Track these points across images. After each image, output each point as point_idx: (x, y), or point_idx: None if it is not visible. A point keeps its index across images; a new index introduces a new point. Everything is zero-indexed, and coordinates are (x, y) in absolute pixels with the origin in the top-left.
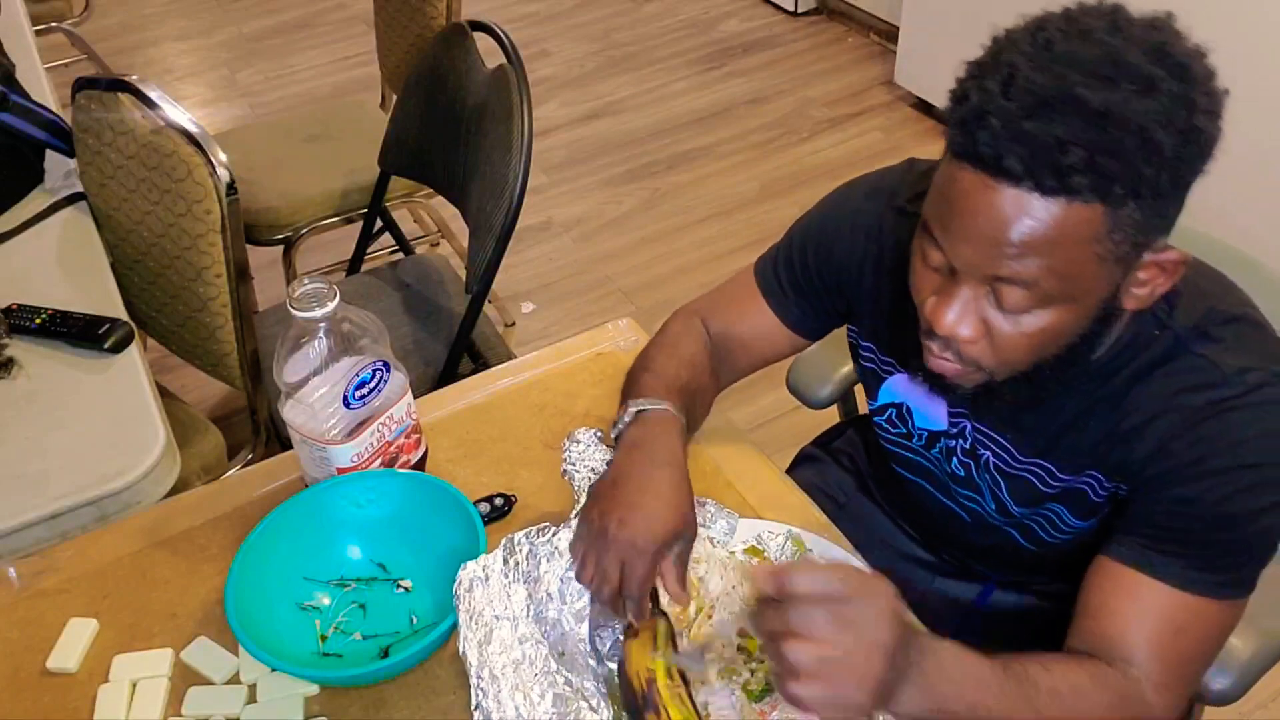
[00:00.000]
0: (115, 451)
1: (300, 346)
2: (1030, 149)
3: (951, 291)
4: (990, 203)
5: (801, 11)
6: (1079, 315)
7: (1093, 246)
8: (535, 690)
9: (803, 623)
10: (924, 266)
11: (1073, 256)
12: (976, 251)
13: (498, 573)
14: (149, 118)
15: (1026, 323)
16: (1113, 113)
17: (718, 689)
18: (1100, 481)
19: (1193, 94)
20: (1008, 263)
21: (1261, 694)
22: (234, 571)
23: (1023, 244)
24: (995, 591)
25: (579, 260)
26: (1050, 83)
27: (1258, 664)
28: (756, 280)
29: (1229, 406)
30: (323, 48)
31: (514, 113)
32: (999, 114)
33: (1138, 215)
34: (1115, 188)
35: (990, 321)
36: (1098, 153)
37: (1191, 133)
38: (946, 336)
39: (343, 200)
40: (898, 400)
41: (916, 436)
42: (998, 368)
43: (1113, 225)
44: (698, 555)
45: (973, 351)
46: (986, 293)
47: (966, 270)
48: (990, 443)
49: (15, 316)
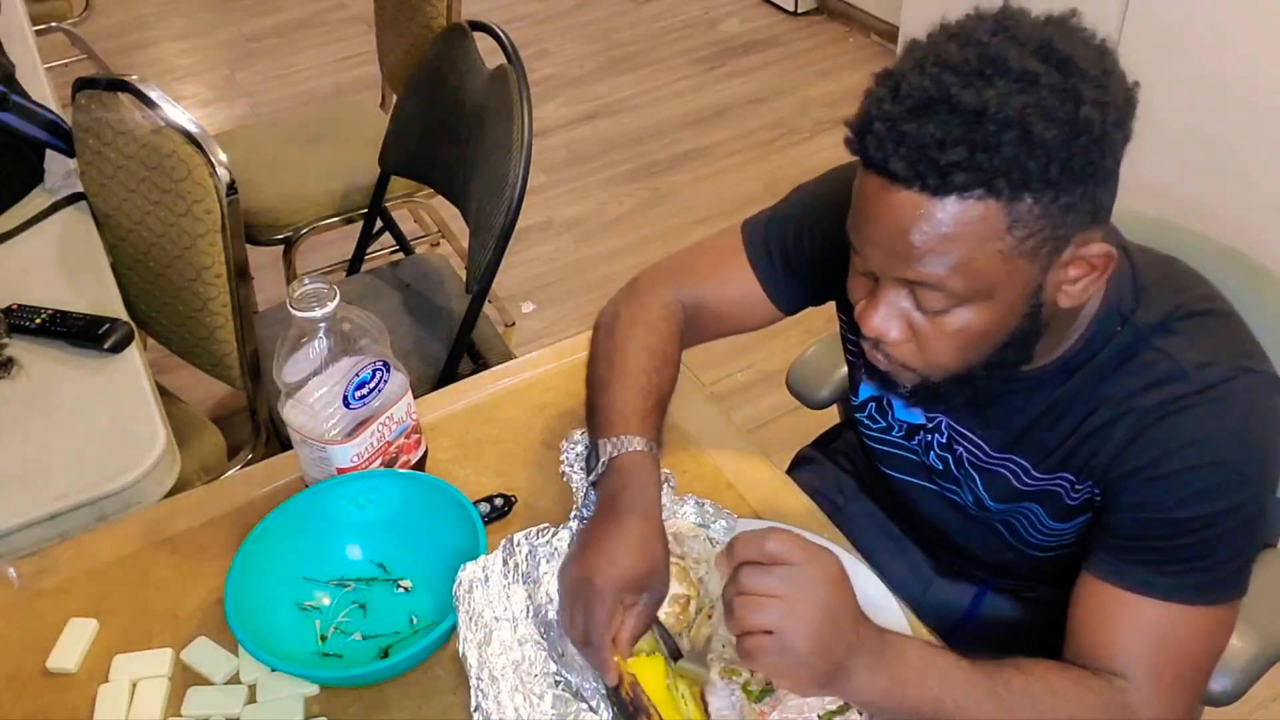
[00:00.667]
0: (115, 451)
1: (300, 346)
2: (911, 150)
3: (877, 295)
4: (888, 206)
5: (801, 11)
6: (1000, 315)
7: (994, 243)
8: (535, 691)
9: (750, 581)
10: (855, 272)
11: (975, 254)
12: (884, 255)
13: (497, 574)
14: (149, 118)
15: (947, 323)
16: (989, 109)
17: (718, 689)
18: (1072, 483)
19: (1078, 85)
20: (913, 265)
21: (1262, 694)
22: (234, 571)
23: (923, 246)
24: (989, 595)
25: (579, 260)
26: (929, 85)
27: (1258, 664)
28: (744, 244)
29: (1184, 405)
30: (323, 48)
31: (514, 113)
32: (883, 119)
33: (1038, 209)
34: (1000, 182)
35: (914, 323)
36: (976, 149)
37: (1079, 123)
38: (874, 338)
39: (343, 200)
40: (877, 393)
41: (896, 428)
42: (927, 369)
43: (1011, 221)
44: (697, 555)
45: (900, 353)
46: (908, 295)
47: (882, 274)
48: (963, 438)
49: (15, 316)
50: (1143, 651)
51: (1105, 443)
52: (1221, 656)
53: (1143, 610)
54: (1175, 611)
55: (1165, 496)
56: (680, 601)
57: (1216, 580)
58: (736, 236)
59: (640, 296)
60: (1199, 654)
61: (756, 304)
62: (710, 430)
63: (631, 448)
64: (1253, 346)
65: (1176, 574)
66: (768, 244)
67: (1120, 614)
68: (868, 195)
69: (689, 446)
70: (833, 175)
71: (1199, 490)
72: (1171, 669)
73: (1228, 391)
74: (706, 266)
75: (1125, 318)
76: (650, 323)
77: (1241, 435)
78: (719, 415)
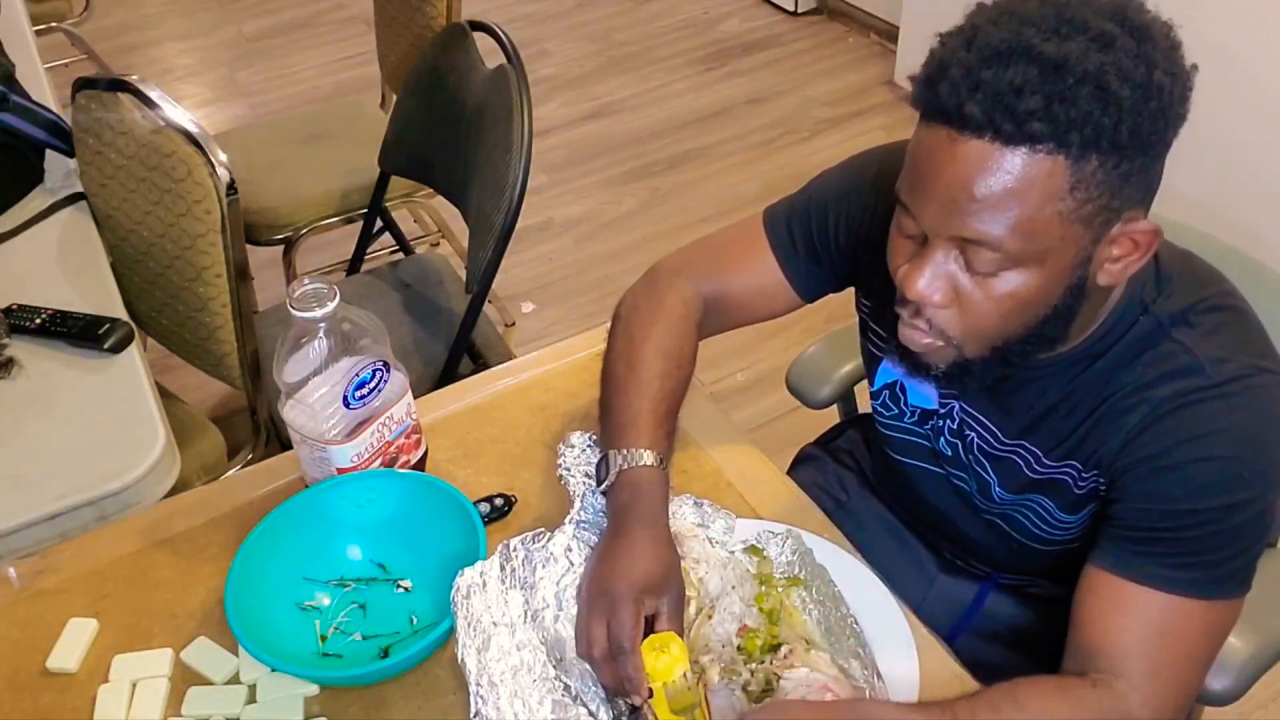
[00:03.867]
0: (115, 451)
1: (300, 346)
2: (988, 95)
3: (924, 256)
4: (954, 156)
5: (801, 11)
6: (1047, 282)
7: (1056, 203)
8: (534, 696)
9: None
10: (899, 236)
11: (1036, 213)
12: (941, 211)
13: (495, 579)
14: (149, 118)
15: (995, 287)
16: (1068, 62)
17: (718, 689)
18: (1079, 472)
19: (1151, 52)
20: (971, 220)
21: (1261, 694)
22: (234, 571)
23: (985, 199)
24: (992, 592)
25: (579, 260)
26: (1008, 36)
27: (1258, 664)
28: (767, 233)
29: (1199, 399)
30: (323, 48)
31: (514, 113)
32: (958, 65)
33: (1100, 174)
34: (1073, 135)
35: (960, 288)
36: (1054, 99)
37: (1151, 88)
38: (917, 301)
39: (343, 200)
40: (893, 379)
41: (909, 414)
42: (966, 338)
43: (1075, 181)
44: (697, 555)
45: (942, 319)
46: (956, 257)
47: (935, 232)
48: (976, 424)
49: (15, 316)
50: (1143, 646)
51: (1116, 431)
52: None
53: (1146, 602)
54: (1178, 605)
55: (1173, 488)
56: None
57: (1221, 575)
58: (759, 224)
59: (660, 290)
60: (1198, 649)
61: (778, 292)
62: (710, 430)
63: (641, 461)
64: (1268, 348)
65: (1181, 567)
66: (791, 231)
67: (1123, 606)
68: (931, 148)
69: (689, 446)
70: (857, 161)
71: (1207, 483)
72: (1170, 665)
73: (1243, 388)
74: (729, 256)
75: (1146, 306)
76: (669, 321)
77: (1253, 432)
78: (719, 415)
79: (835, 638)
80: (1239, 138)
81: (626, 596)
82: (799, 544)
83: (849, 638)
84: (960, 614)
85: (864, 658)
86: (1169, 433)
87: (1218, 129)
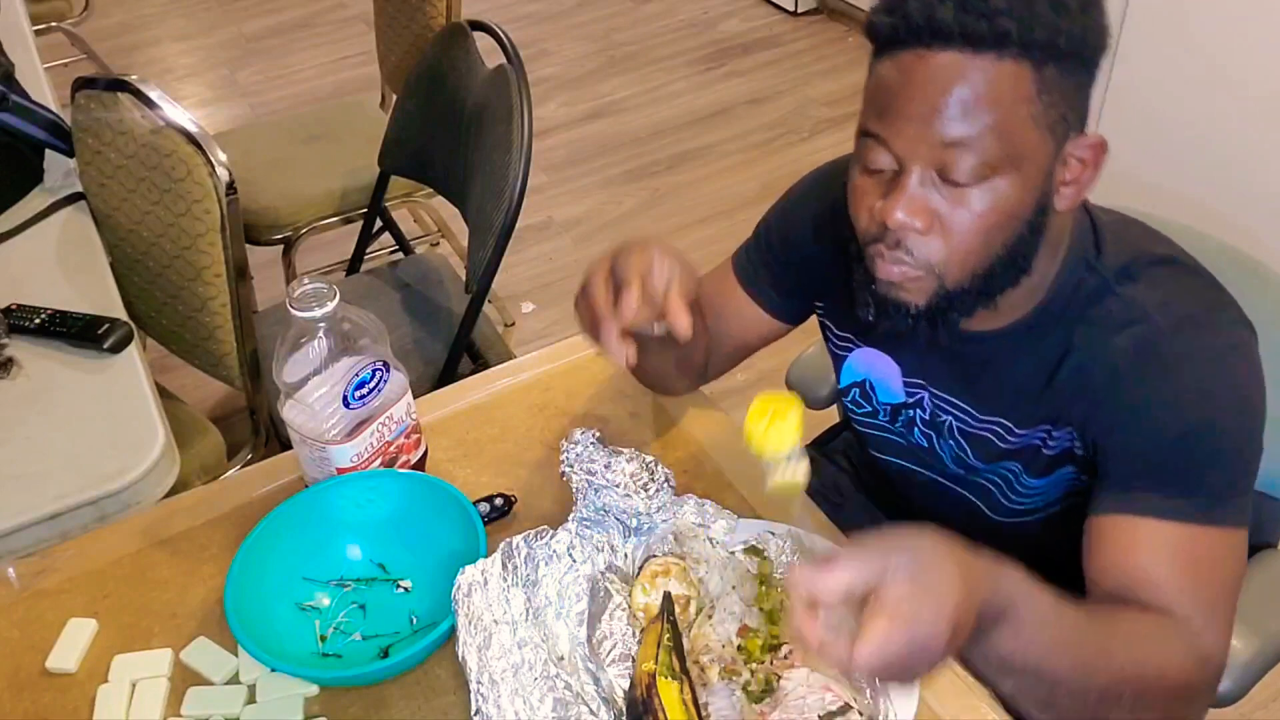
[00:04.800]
0: (115, 451)
1: (300, 346)
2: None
3: (901, 184)
4: (927, 70)
5: (801, 11)
6: (1022, 191)
7: (1026, 106)
8: (535, 695)
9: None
10: (865, 178)
11: (1010, 115)
12: (921, 124)
13: (496, 577)
14: (148, 117)
15: (975, 201)
16: None
17: (718, 689)
18: (1049, 432)
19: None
20: (951, 126)
21: (1262, 694)
22: (234, 571)
23: (964, 103)
24: None
25: (579, 260)
26: None
27: (1258, 665)
28: (735, 271)
29: (1154, 342)
30: (323, 47)
31: (514, 113)
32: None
33: (1059, 81)
34: (1036, 33)
35: (939, 212)
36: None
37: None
38: (898, 229)
39: (342, 200)
40: (859, 378)
41: (881, 412)
42: (949, 263)
43: (1039, 86)
44: (698, 555)
45: (925, 248)
46: (932, 179)
47: (911, 154)
48: (950, 407)
49: (15, 316)
50: (1175, 577)
51: (1082, 389)
52: None
53: (1159, 534)
54: (1188, 532)
55: (1149, 425)
56: (680, 602)
57: (1216, 500)
58: (728, 268)
59: None
60: (1225, 574)
61: (762, 324)
62: (710, 430)
63: None
64: (1219, 293)
65: (1179, 494)
66: (752, 264)
67: (1139, 542)
68: (900, 72)
69: (689, 446)
70: (795, 184)
71: (1180, 411)
72: (1207, 588)
73: (1194, 325)
74: (712, 306)
75: (1090, 264)
76: None
77: (1214, 360)
78: (719, 415)
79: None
80: (1239, 138)
81: (648, 240)
82: (799, 544)
83: None
84: None
85: None
86: (1136, 380)
87: (1218, 129)
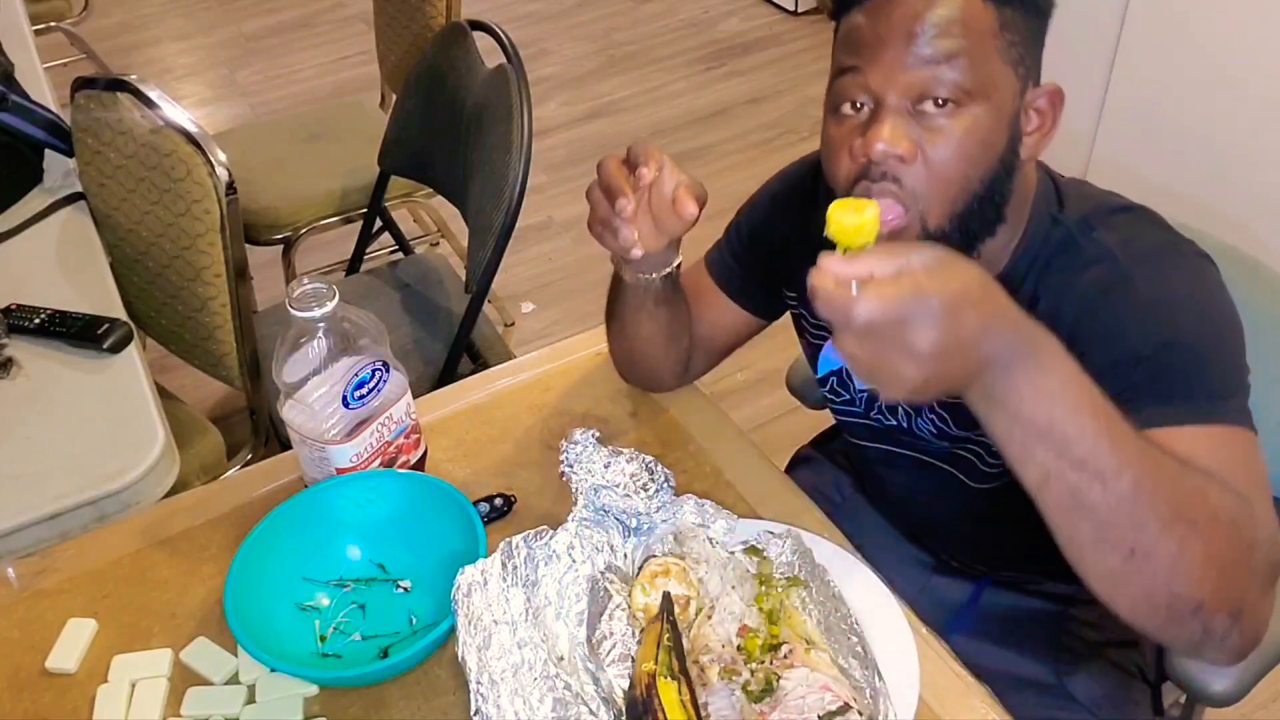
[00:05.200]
0: (115, 451)
1: (300, 346)
2: None
3: (878, 119)
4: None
5: (801, 11)
6: (996, 122)
7: (991, 39)
8: (535, 695)
9: None
10: (840, 128)
11: (978, 45)
12: (899, 51)
13: (496, 577)
14: (148, 117)
15: (953, 129)
16: None
17: (717, 689)
18: None
19: None
20: (927, 46)
21: (1262, 694)
22: (233, 571)
23: (937, 24)
24: (988, 588)
25: (579, 260)
26: None
27: (1258, 664)
28: (708, 271)
29: (1120, 275)
30: (322, 47)
31: (514, 112)
32: None
33: (1017, 21)
34: None
35: (920, 142)
36: None
37: None
38: (882, 159)
39: (342, 200)
40: (836, 366)
41: (857, 401)
42: (932, 196)
43: (1001, 22)
44: (698, 555)
45: (909, 175)
46: (909, 109)
47: (889, 80)
48: None
49: (14, 316)
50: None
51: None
52: None
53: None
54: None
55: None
56: (680, 602)
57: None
58: (701, 269)
59: None
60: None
61: (738, 321)
62: (710, 430)
63: None
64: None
65: (1177, 401)
66: (724, 263)
67: None
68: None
69: (689, 446)
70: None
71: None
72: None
73: (1156, 255)
74: None
75: (1055, 218)
76: None
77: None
78: (719, 415)
79: (835, 638)
80: (1238, 138)
81: None
82: (799, 544)
83: (849, 637)
84: (953, 614)
85: (864, 658)
86: (1104, 310)
87: (1218, 129)
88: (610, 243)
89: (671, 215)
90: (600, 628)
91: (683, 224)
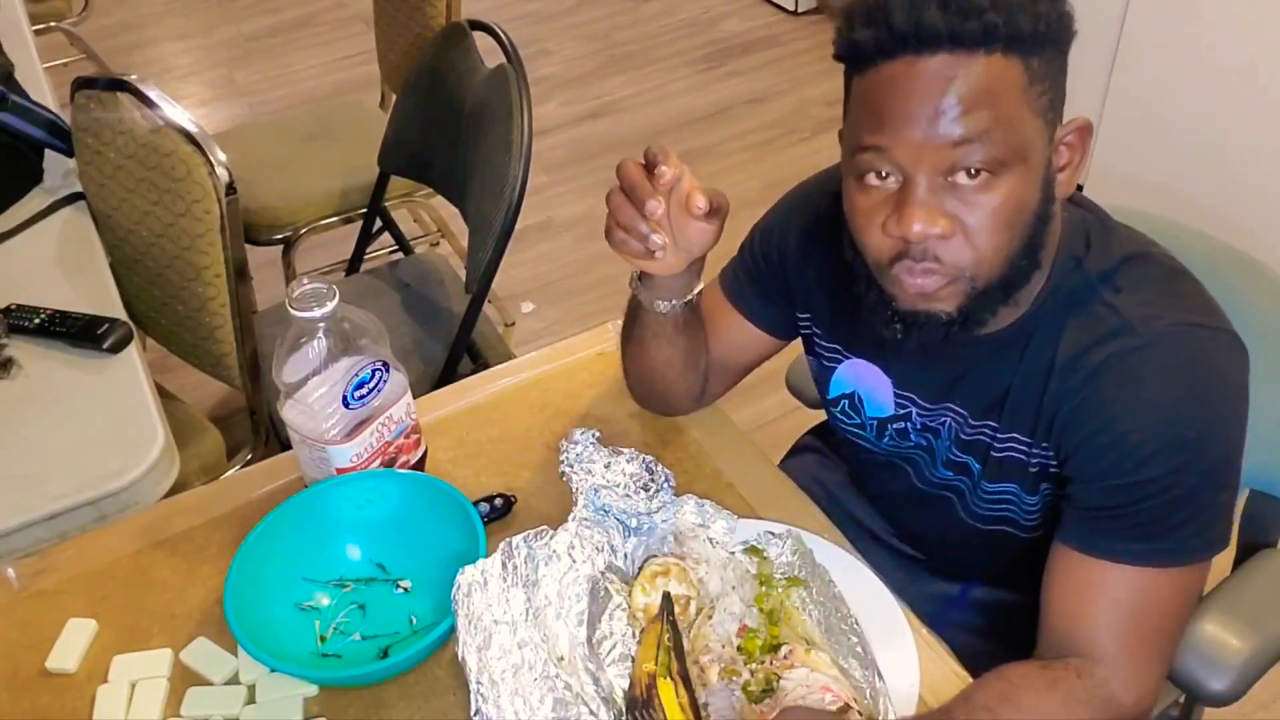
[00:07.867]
0: (114, 451)
1: (299, 346)
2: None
3: (908, 197)
4: (921, 77)
5: (801, 11)
6: (1030, 184)
7: (1021, 96)
8: (535, 695)
9: None
10: (865, 197)
11: (1008, 108)
12: (926, 129)
13: (496, 577)
14: (148, 117)
15: (989, 199)
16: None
17: (717, 689)
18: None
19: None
20: (955, 125)
21: (1262, 694)
22: (233, 572)
23: (964, 99)
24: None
25: (579, 260)
26: None
27: (1257, 664)
28: (722, 290)
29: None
30: (322, 47)
31: (514, 112)
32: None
33: (1044, 69)
34: (1021, 21)
35: (956, 215)
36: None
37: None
38: (920, 240)
39: (342, 200)
40: (849, 390)
41: (868, 427)
42: (977, 265)
43: (1029, 77)
44: (698, 555)
45: (953, 253)
46: (940, 187)
47: (916, 162)
48: (946, 413)
49: (14, 316)
50: (1117, 628)
51: (1061, 401)
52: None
53: (1115, 580)
54: (1148, 577)
55: (1122, 461)
56: (680, 602)
57: (1187, 540)
58: (715, 288)
59: None
60: (1170, 620)
61: (755, 340)
62: (710, 430)
63: None
64: (1202, 302)
65: (1146, 538)
66: (738, 281)
67: (1093, 586)
68: (890, 83)
69: (689, 446)
70: (779, 201)
71: (1154, 451)
72: (1144, 644)
73: (1173, 344)
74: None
75: (1079, 261)
76: None
77: (1190, 389)
78: (719, 415)
79: (835, 638)
80: (1239, 138)
81: None
82: (799, 544)
83: (849, 638)
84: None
85: (864, 658)
86: (1109, 400)
87: (1218, 129)
88: (633, 248)
89: (687, 221)
90: (600, 628)
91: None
